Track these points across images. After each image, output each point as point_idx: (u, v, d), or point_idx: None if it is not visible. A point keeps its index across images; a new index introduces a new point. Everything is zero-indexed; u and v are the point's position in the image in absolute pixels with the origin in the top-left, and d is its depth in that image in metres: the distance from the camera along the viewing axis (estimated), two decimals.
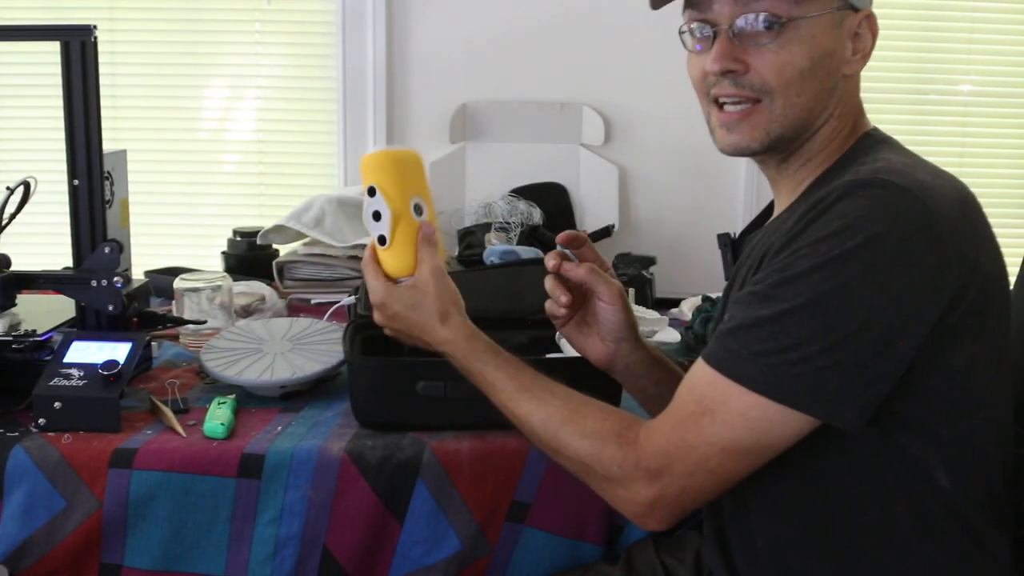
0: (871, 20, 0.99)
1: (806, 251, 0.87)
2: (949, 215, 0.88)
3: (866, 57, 0.99)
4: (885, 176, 0.88)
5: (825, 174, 1.00)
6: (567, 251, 1.16)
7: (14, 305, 1.38)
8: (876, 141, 1.01)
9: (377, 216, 1.08)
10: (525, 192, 2.30)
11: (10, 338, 1.34)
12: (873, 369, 0.86)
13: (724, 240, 1.12)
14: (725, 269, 1.11)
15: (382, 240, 1.09)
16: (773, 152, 1.01)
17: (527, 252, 1.94)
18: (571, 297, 1.17)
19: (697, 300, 1.76)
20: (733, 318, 0.92)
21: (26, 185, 1.39)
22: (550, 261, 1.15)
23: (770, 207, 1.12)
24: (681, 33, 1.03)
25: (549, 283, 1.17)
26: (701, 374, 0.92)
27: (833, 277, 0.85)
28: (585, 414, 0.99)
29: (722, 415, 0.89)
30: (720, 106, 1.00)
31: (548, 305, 1.19)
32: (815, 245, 0.87)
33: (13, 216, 1.41)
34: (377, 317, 1.11)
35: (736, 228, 2.40)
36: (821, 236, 0.87)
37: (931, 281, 0.86)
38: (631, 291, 1.90)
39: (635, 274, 1.93)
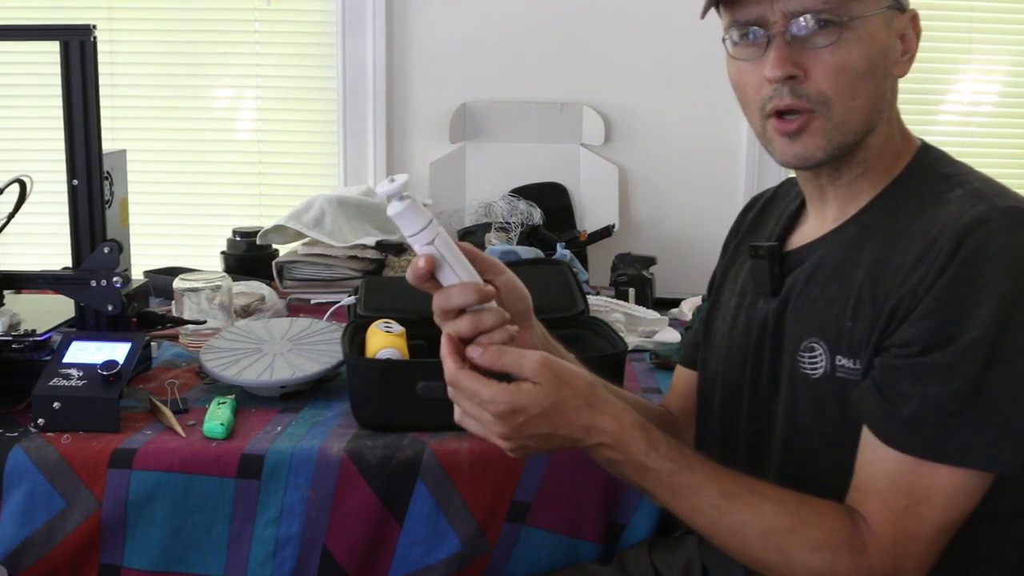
0: (915, 20, 0.96)
1: (975, 299, 0.83)
2: None
3: (913, 58, 0.96)
4: (1017, 203, 0.87)
5: (894, 186, 0.96)
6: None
7: (1, 304, 1.38)
8: (940, 154, 0.99)
9: None
10: (525, 192, 2.30)
11: (10, 338, 1.34)
12: None
13: (772, 251, 1.03)
14: (772, 282, 1.03)
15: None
16: (836, 160, 0.95)
17: (527, 252, 1.94)
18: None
19: (697, 300, 1.76)
20: (912, 397, 0.86)
21: (21, 184, 1.38)
22: (447, 345, 0.91)
23: (795, 215, 1.07)
24: (724, 38, 0.96)
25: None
26: (896, 464, 0.87)
27: (1014, 326, 0.83)
28: (808, 521, 0.90)
29: (940, 498, 0.86)
30: (779, 115, 0.93)
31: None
32: (984, 294, 0.83)
33: (11, 216, 1.41)
34: (500, 430, 0.90)
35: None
36: (988, 281, 0.83)
37: None
38: (631, 291, 1.90)
39: (635, 274, 1.93)
